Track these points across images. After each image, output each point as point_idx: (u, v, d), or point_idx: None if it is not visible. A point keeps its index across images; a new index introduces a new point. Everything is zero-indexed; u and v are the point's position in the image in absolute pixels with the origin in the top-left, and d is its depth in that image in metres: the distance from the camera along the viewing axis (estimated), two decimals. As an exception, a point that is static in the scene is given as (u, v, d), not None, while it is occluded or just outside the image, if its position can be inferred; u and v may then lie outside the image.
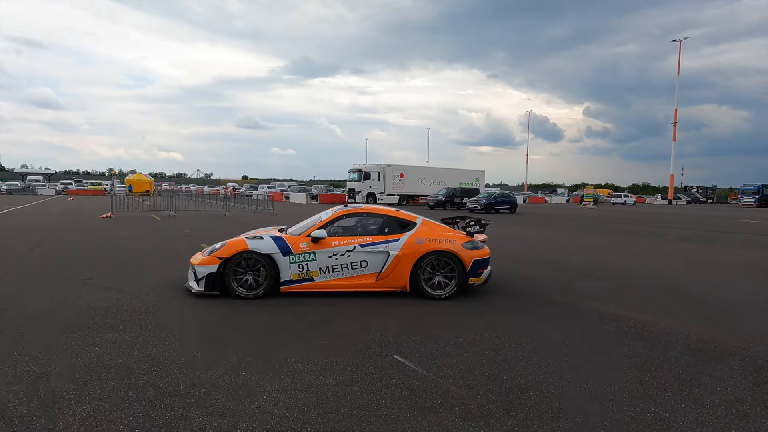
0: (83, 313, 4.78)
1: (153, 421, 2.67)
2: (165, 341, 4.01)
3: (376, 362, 3.65)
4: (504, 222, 20.70)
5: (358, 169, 35.22)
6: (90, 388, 3.08)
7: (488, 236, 7.05)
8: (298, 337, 4.23)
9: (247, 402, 2.94)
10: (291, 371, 3.43)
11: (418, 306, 5.39)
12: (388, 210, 6.40)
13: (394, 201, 35.32)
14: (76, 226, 14.30)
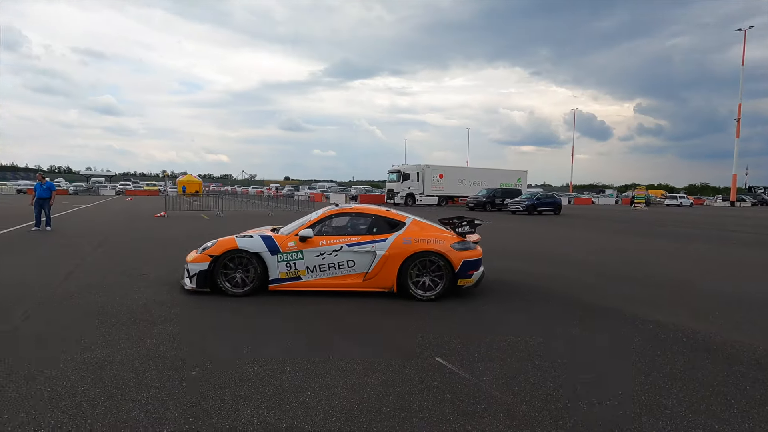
0: (141, 306, 5.10)
1: (205, 411, 2.80)
2: (214, 335, 4.20)
3: (417, 364, 3.63)
4: (547, 223, 20.02)
5: (397, 169, 35.27)
6: (148, 377, 3.27)
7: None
8: (341, 336, 4.29)
9: (292, 397, 3.02)
10: (334, 369, 3.49)
11: (458, 309, 5.33)
12: (378, 210, 6.36)
13: (433, 202, 35.10)
14: (134, 225, 15.28)
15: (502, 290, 6.39)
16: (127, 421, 2.67)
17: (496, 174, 38.73)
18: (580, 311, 5.34)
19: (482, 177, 37.53)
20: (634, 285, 7.01)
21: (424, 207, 33.11)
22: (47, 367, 3.37)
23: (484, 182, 36.62)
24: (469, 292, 6.16)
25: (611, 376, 3.48)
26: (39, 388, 3.05)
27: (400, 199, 34.14)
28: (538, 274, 7.67)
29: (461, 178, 36.80)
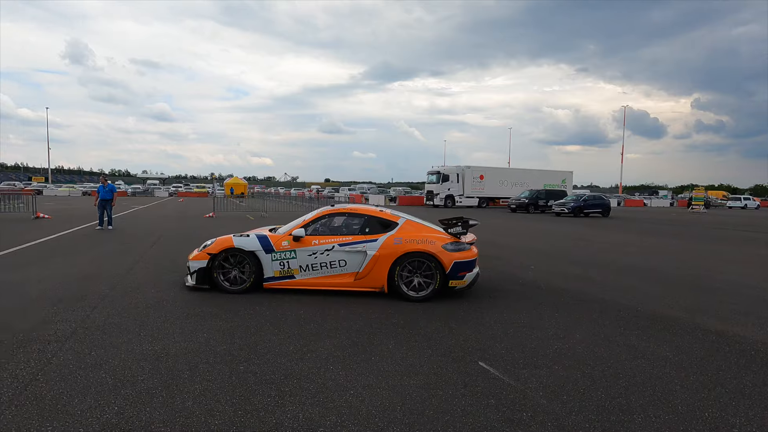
0: (194, 302, 5.36)
1: (253, 406, 2.90)
2: (261, 332, 4.34)
3: (460, 367, 3.58)
4: (595, 226, 19.15)
5: (437, 171, 35.02)
6: (200, 369, 3.43)
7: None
8: (383, 336, 4.31)
9: (336, 396, 3.06)
10: (376, 370, 3.51)
11: (500, 313, 5.20)
12: (371, 210, 6.36)
13: (473, 203, 34.55)
14: (185, 224, 16.12)
15: (549, 294, 6.18)
16: (182, 411, 2.81)
17: (539, 175, 37.56)
18: (632, 319, 5.06)
19: (524, 178, 36.52)
20: (693, 292, 6.55)
21: (465, 209, 32.65)
22: (111, 357, 3.62)
23: (527, 183, 35.63)
24: (513, 296, 6.01)
25: (670, 390, 3.27)
26: (104, 375, 3.28)
27: (440, 201, 33.87)
28: (586, 279, 7.35)
29: (502, 179, 36.01)
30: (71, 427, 2.59)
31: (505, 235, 14.83)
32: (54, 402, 2.87)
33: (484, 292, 6.26)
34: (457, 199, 34.25)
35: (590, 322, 4.94)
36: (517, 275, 7.55)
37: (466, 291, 6.02)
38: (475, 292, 6.22)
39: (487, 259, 9.21)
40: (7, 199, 20.47)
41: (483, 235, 14.24)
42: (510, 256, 9.87)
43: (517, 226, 18.44)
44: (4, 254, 8.57)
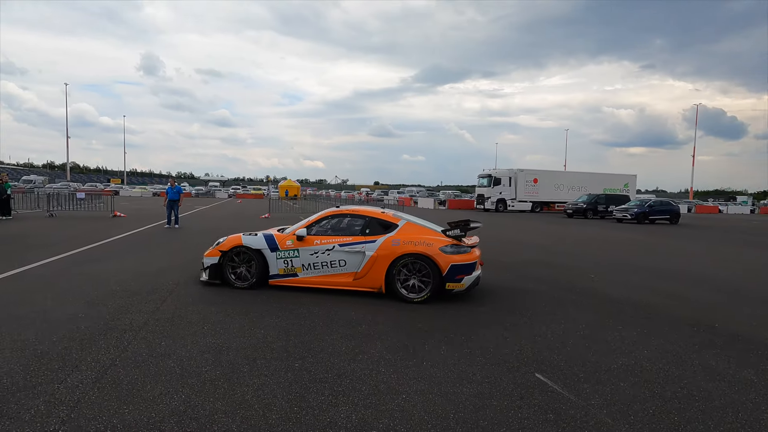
0: (251, 300, 5.60)
1: (307, 403, 2.97)
2: (314, 330, 4.45)
3: (515, 378, 3.46)
4: (662, 234, 17.80)
5: (488, 174, 34.20)
6: (258, 364, 3.58)
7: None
8: (434, 342, 4.26)
9: (388, 399, 3.06)
10: (428, 375, 3.47)
11: (560, 324, 4.96)
12: (372, 211, 6.41)
13: (526, 208, 33.37)
14: (243, 224, 16.93)
15: (611, 306, 5.81)
16: (241, 403, 2.94)
17: (599, 178, 35.56)
18: (709, 337, 4.63)
19: (582, 182, 34.73)
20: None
21: (517, 213, 31.63)
22: (178, 347, 3.87)
23: (585, 187, 33.85)
24: (571, 306, 5.72)
25: (756, 418, 2.94)
26: (172, 364, 3.51)
27: (491, 205, 33.04)
28: (653, 291, 6.83)
29: (558, 183, 34.46)
30: (144, 411, 2.79)
31: (562, 241, 14.17)
32: (130, 387, 3.11)
33: (540, 300, 6.01)
34: (509, 203, 33.24)
35: (659, 337, 4.58)
36: (576, 284, 7.17)
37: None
38: (531, 300, 6.00)
39: (543, 267, 8.84)
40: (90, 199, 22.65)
41: (537, 241, 13.71)
42: (567, 263, 9.41)
43: (574, 233, 17.57)
44: (89, 249, 9.46)
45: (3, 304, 5.00)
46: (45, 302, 5.14)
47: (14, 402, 2.83)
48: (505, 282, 7.20)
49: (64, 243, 10.17)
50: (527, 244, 12.77)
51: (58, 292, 5.62)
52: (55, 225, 14.50)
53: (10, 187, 16.59)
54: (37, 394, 2.95)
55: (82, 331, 4.19)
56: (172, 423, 2.67)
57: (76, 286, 6.02)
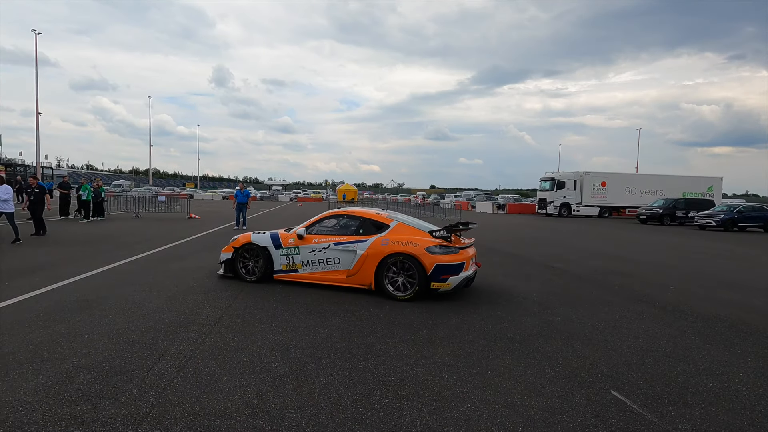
0: (314, 300, 5.78)
1: (372, 405, 3.00)
2: (376, 333, 4.49)
3: (588, 394, 3.25)
4: (755, 243, 15.94)
5: (551, 177, 32.70)
6: (323, 363, 3.68)
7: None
8: (498, 351, 4.13)
9: (452, 406, 3.01)
10: (493, 385, 3.37)
11: (637, 338, 4.60)
12: (368, 213, 6.68)
13: (593, 213, 31.45)
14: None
15: (695, 321, 5.30)
16: (309, 400, 3.04)
17: (677, 181, 32.62)
18: (820, 362, 4.05)
19: (658, 185, 32.07)
20: None
21: (582, 219, 29.90)
22: (249, 343, 4.09)
23: (661, 191, 31.25)
24: (648, 319, 5.30)
25: None
26: (245, 359, 3.72)
27: (554, 209, 31.54)
28: (747, 307, 6.13)
29: (629, 187, 32.10)
30: (221, 402, 2.98)
31: (635, 249, 13.16)
32: (208, 378, 3.33)
33: (614, 312, 5.62)
34: (574, 207, 31.51)
35: (758, 359, 4.09)
36: (653, 296, 6.62)
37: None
38: (604, 312, 5.63)
39: (615, 277, 8.28)
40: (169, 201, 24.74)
41: (607, 249, 12.84)
42: (642, 273, 8.72)
43: (649, 240, 16.25)
44: (169, 247, 10.32)
45: (100, 296, 5.59)
46: (134, 295, 5.67)
47: (112, 385, 3.15)
48: (575, 291, 6.82)
49: (148, 242, 11.17)
50: (596, 252, 12.01)
51: (145, 287, 6.18)
52: (140, 225, 15.98)
53: (104, 191, 18.55)
54: (130, 378, 3.26)
55: (165, 323, 4.56)
56: (246, 415, 2.82)
57: (159, 281, 6.59)
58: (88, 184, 17.36)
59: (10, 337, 4.02)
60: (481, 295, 6.33)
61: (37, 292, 5.68)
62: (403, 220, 6.46)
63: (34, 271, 7.08)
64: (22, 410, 2.77)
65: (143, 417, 2.74)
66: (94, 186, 17.52)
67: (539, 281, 7.55)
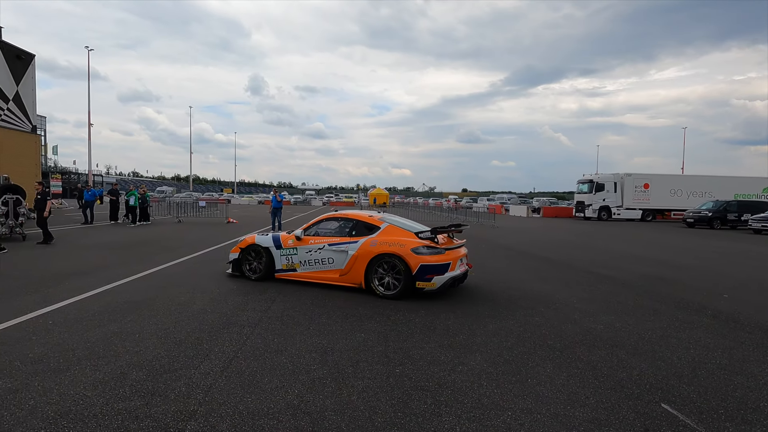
0: (350, 303, 5.84)
1: (411, 410, 3.00)
2: (412, 338, 4.49)
3: (636, 407, 3.11)
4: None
5: (589, 179, 31.56)
6: (360, 367, 3.71)
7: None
8: (538, 358, 4.03)
9: (492, 414, 2.96)
10: (534, 393, 3.29)
11: (688, 349, 4.36)
12: (361, 215, 6.96)
13: (634, 216, 30.10)
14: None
15: (753, 332, 4.96)
16: (348, 403, 3.07)
17: (728, 182, 30.69)
18: None
19: (706, 186, 30.30)
20: None
21: (624, 222, 28.68)
22: (288, 345, 4.18)
23: (710, 192, 29.52)
24: (701, 329, 5.01)
25: None
26: (285, 360, 3.80)
27: (592, 213, 30.42)
28: (811, 317, 5.67)
29: (675, 188, 30.51)
30: (264, 402, 3.06)
31: (682, 254, 12.48)
32: (250, 378, 3.44)
33: (661, 321, 5.36)
34: (615, 210, 30.26)
35: (826, 374, 3.78)
36: (704, 305, 6.26)
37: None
38: (650, 320, 5.38)
39: (662, 283, 7.89)
40: (208, 206, 25.73)
41: (652, 253, 12.25)
42: (691, 280, 8.26)
43: (697, 245, 15.36)
44: (210, 251, 10.72)
45: (148, 297, 5.88)
46: (179, 297, 5.93)
47: (162, 382, 3.30)
48: (618, 298, 6.55)
49: (190, 245, 11.65)
50: (640, 257, 11.48)
51: (189, 288, 6.44)
52: (183, 229, 16.69)
53: (149, 197, 19.53)
54: (178, 377, 3.41)
55: (209, 324, 4.74)
56: (288, 415, 2.89)
57: (202, 283, 6.85)
58: (135, 190, 18.33)
59: (70, 335, 4.30)
60: (518, 301, 6.20)
61: (91, 292, 6.05)
62: (393, 222, 6.74)
63: (88, 272, 7.54)
64: (83, 404, 2.96)
65: (192, 414, 2.86)
66: (141, 192, 18.47)
67: (579, 287, 7.30)
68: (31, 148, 27.80)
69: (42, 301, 5.50)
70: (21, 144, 26.48)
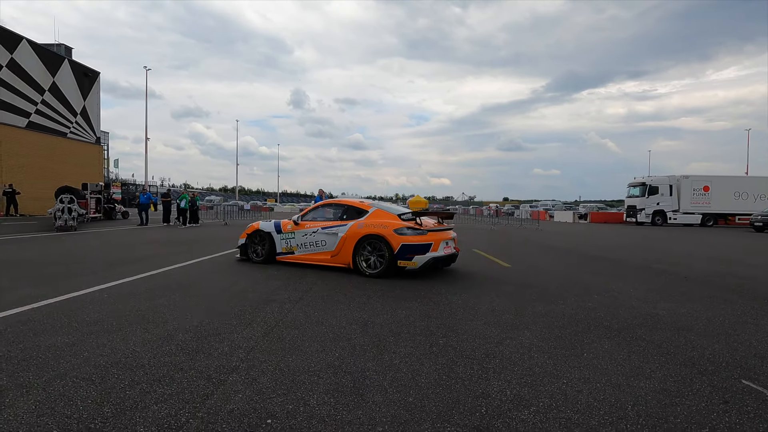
0: (388, 288, 5.73)
1: (456, 374, 2.84)
2: (455, 316, 4.30)
3: (712, 381, 2.78)
4: None
5: (641, 182, 29.79)
6: (403, 337, 3.58)
7: None
8: (594, 336, 3.73)
9: (546, 381, 2.74)
10: (591, 366, 3.03)
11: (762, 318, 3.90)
12: (352, 201, 7.33)
13: (693, 221, 28.06)
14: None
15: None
16: (390, 366, 2.96)
17: (802, 184, 27.97)
18: None
19: (776, 188, 27.76)
20: None
21: (681, 227, 26.81)
22: (329, 317, 4.13)
23: (780, 195, 27.01)
24: None
25: None
26: (325, 330, 3.75)
27: (646, 217, 28.64)
28: None
29: (740, 191, 28.19)
30: (304, 361, 3.01)
31: (753, 254, 11.39)
32: (291, 343, 3.40)
33: (734, 308, 4.86)
34: (670, 215, 28.33)
35: None
36: (784, 296, 5.61)
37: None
38: (721, 307, 4.88)
39: (730, 278, 7.21)
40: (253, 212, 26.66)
41: (717, 254, 11.26)
42: (765, 278, 7.49)
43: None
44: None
45: (194, 281, 6.06)
46: (222, 280, 6.07)
47: (206, 343, 3.34)
48: (681, 289, 6.03)
49: (233, 242, 11.97)
50: (704, 256, 10.58)
51: (232, 274, 6.59)
52: (228, 230, 17.29)
53: (199, 200, 20.47)
54: (221, 339, 3.43)
55: (251, 300, 4.79)
56: (329, 373, 2.81)
57: (244, 270, 6.99)
58: (185, 194, 19.27)
59: (123, 305, 4.47)
60: (569, 288, 5.84)
61: (143, 275, 6.32)
62: (381, 207, 7.01)
63: (141, 260, 7.91)
64: (132, 357, 3.03)
65: (234, 368, 2.85)
66: (191, 196, 19.39)
67: (636, 280, 6.80)
68: (95, 157, 30.09)
69: (98, 281, 5.80)
70: (86, 153, 28.73)
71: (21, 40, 23.57)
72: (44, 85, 25.09)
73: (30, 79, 24.12)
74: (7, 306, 4.31)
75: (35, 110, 24.58)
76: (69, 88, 26.87)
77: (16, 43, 23.26)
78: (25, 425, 2.11)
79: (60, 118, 26.31)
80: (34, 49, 24.39)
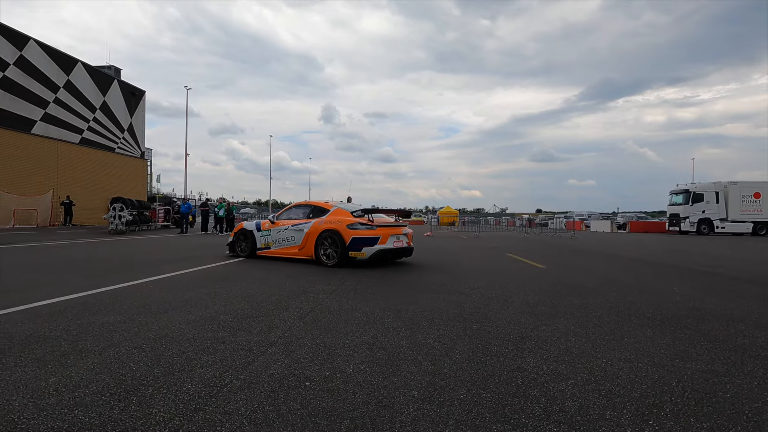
0: (420, 284, 5.75)
1: (490, 352, 2.83)
2: (488, 306, 4.27)
3: (765, 365, 2.64)
4: None
5: (684, 189, 28.40)
6: (436, 322, 3.60)
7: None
8: (633, 324, 3.60)
9: (584, 360, 2.69)
10: (632, 347, 2.94)
11: (829, 325, 3.64)
12: (319, 202, 8.26)
13: (743, 230, 26.45)
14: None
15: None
16: (423, 345, 2.98)
17: None
18: None
19: (838, 194, 25.78)
20: None
21: (730, 237, 25.31)
22: (361, 305, 4.20)
23: (843, 201, 25.06)
24: None
25: None
26: (358, 315, 3.81)
27: (690, 226, 27.23)
28: None
29: (795, 197, 26.33)
30: (340, 339, 3.08)
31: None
32: (326, 324, 3.48)
33: (789, 304, 4.56)
34: (718, 223, 26.80)
35: None
36: None
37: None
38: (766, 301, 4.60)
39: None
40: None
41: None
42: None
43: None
44: (286, 250, 11.26)
45: (233, 275, 6.29)
46: (259, 274, 6.27)
47: (246, 324, 3.47)
48: (732, 287, 5.72)
49: (269, 246, 12.34)
50: (756, 260, 9.96)
51: (268, 270, 6.80)
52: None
53: (235, 209, 21.20)
54: (260, 320, 3.56)
55: (287, 291, 4.94)
56: (364, 349, 2.86)
57: (278, 267, 7.20)
58: (222, 203, 20.03)
59: (167, 294, 4.71)
60: (607, 285, 5.66)
61: (184, 271, 6.62)
62: (342, 207, 7.84)
63: (183, 260, 8.28)
64: (177, 332, 3.20)
65: (272, 343, 2.96)
66: (227, 205, 20.13)
67: (679, 279, 6.50)
68: (140, 171, 31.81)
69: (143, 275, 6.12)
70: (132, 167, 30.43)
71: (76, 63, 25.49)
72: (96, 104, 26.93)
73: (83, 98, 25.97)
74: (67, 293, 4.64)
75: (87, 127, 26.39)
76: (117, 106, 28.72)
77: (71, 66, 25.17)
78: (85, 380, 2.28)
79: (109, 134, 28.10)
80: (87, 70, 26.29)
